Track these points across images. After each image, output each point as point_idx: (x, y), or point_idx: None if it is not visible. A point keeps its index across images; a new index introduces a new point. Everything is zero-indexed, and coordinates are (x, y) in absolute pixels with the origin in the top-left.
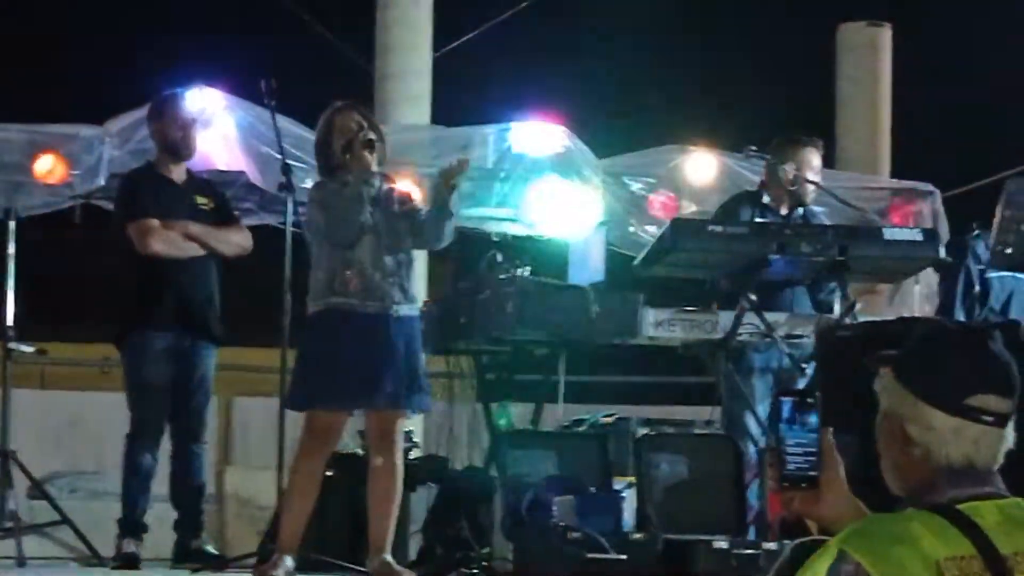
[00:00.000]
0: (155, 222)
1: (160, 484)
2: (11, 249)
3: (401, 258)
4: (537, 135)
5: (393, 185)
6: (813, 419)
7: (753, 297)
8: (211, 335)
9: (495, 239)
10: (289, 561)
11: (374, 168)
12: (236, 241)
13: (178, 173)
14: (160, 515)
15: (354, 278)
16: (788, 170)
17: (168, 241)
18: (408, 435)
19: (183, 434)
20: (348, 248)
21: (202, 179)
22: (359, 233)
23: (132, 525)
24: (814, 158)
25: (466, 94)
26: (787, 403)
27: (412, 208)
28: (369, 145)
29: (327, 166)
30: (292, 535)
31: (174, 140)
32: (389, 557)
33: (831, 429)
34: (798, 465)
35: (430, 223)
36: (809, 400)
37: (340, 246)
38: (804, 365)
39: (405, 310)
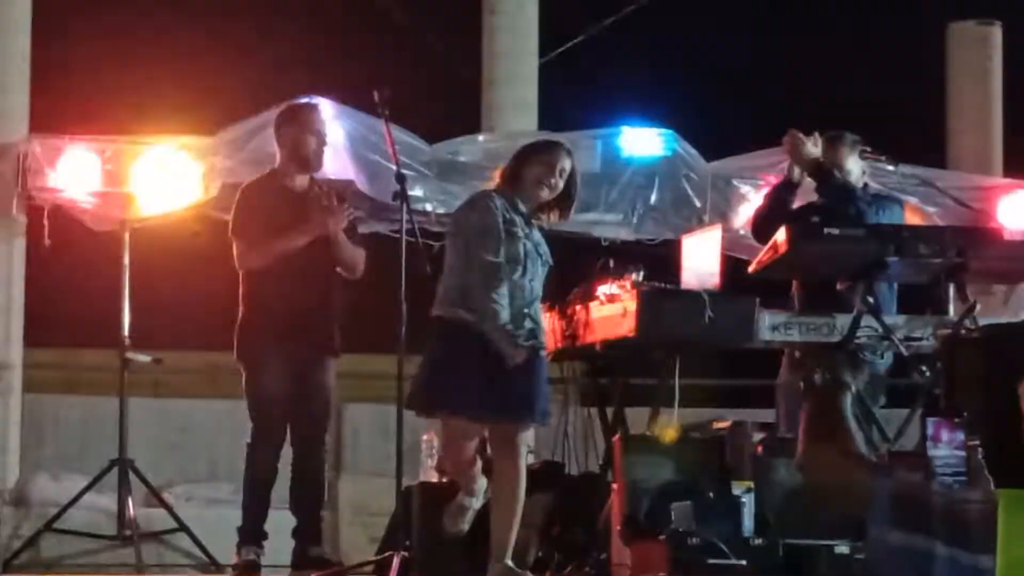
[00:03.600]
0: (255, 240)
1: (278, 492)
2: (126, 260)
3: (534, 292)
4: (645, 139)
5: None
6: (960, 436)
7: (871, 300)
8: (328, 347)
9: (604, 244)
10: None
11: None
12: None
13: (300, 181)
14: (277, 522)
15: None
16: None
17: (252, 257)
18: None
19: (303, 442)
20: None
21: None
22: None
23: (252, 532)
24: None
25: (573, 99)
26: (932, 422)
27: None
28: (551, 190)
29: (512, 179)
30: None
31: (306, 150)
32: (510, 562)
33: (979, 448)
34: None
35: None
36: (956, 419)
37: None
38: (923, 368)
39: (530, 343)
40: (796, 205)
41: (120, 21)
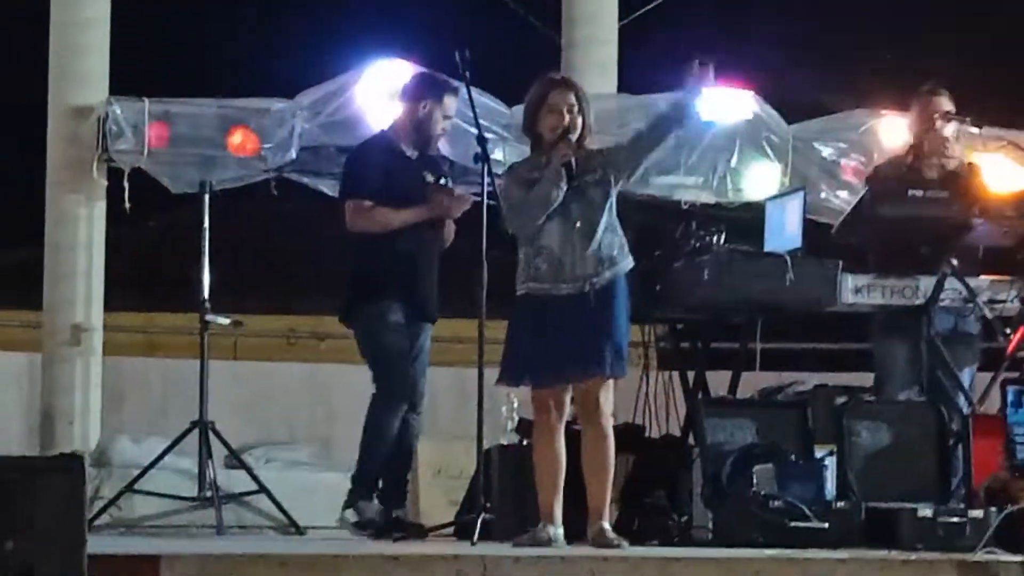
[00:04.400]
0: (368, 203)
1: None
2: (206, 222)
3: (593, 223)
4: (725, 102)
5: (583, 150)
6: None
7: (955, 262)
8: (432, 312)
9: (685, 207)
10: (552, 529)
11: (570, 150)
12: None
13: (412, 150)
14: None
15: (543, 264)
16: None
17: (369, 220)
18: None
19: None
20: (534, 235)
21: (433, 156)
22: (544, 221)
23: (370, 491)
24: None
25: (652, 61)
26: (1013, 390)
27: (606, 158)
28: (572, 130)
29: (534, 139)
30: (549, 505)
31: (433, 130)
32: (607, 524)
33: None
34: None
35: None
36: None
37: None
38: (1007, 331)
39: (606, 277)
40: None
41: None
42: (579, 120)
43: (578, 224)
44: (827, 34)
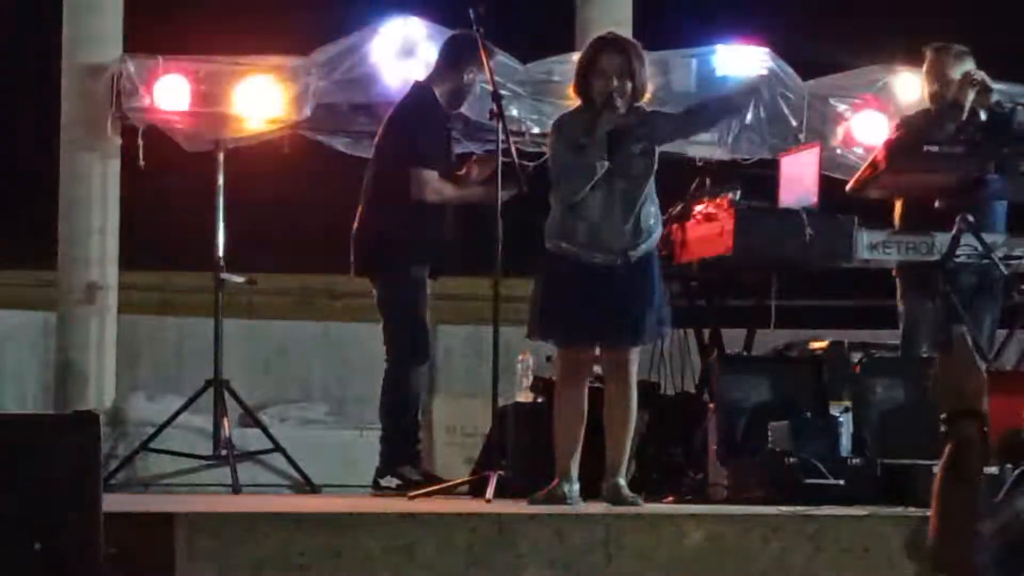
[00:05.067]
0: (436, 174)
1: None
2: (220, 180)
3: (635, 195)
4: (741, 58)
5: (631, 115)
6: None
7: (971, 218)
8: (439, 272)
9: (699, 163)
10: (568, 486)
11: (622, 111)
12: None
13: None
14: (371, 442)
15: (581, 229)
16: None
17: (438, 193)
18: None
19: None
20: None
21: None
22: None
23: (412, 454)
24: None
25: (668, 17)
26: None
27: (651, 127)
28: (622, 95)
29: (585, 100)
30: (566, 462)
31: (468, 93)
32: (623, 481)
33: None
34: None
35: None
36: None
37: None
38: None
39: (642, 249)
40: None
41: None
42: (627, 84)
43: (621, 196)
44: None
